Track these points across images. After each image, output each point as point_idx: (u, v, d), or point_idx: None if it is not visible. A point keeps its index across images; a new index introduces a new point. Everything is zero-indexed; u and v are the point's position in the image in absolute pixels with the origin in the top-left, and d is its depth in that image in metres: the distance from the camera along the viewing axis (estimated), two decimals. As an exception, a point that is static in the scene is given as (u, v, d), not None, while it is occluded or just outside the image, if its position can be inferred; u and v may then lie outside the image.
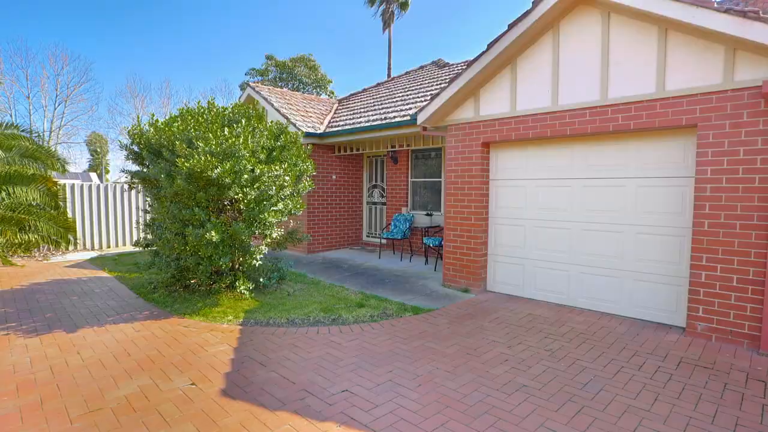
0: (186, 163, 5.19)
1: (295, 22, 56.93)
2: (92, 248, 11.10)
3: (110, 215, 11.40)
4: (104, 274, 7.82)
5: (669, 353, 4.13)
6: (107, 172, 43.92)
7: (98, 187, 11.23)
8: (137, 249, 11.10)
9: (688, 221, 4.69)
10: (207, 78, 54.51)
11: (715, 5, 4.00)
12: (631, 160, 5.14)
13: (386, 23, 30.26)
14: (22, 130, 9.70)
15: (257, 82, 33.23)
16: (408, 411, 3.08)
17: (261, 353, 4.13)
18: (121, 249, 11.23)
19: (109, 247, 11.34)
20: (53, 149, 10.86)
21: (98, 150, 43.48)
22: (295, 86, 33.39)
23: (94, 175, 38.61)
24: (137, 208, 11.86)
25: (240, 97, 11.41)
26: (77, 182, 11.38)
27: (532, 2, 5.33)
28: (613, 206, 5.30)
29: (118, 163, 49.78)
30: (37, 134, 10.49)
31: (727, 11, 3.93)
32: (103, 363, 3.87)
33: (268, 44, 56.68)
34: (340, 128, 9.52)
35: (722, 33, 4.02)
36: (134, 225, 11.82)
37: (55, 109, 33.27)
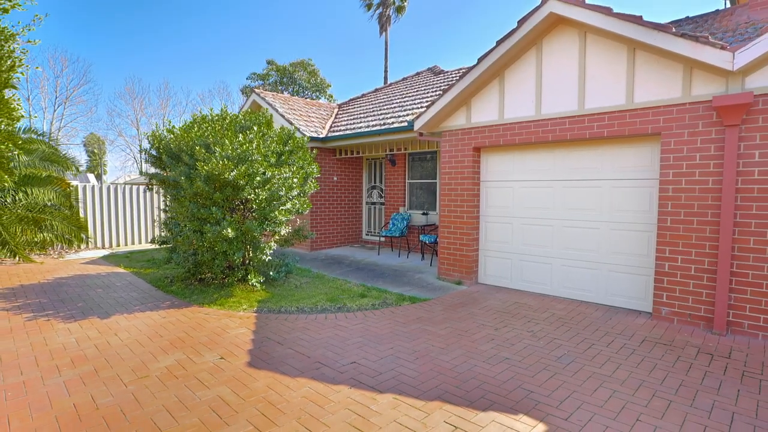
0: (205, 167, 5.74)
1: (294, 23, 57.50)
2: (103, 246, 11.59)
3: (120, 215, 11.90)
4: (120, 270, 8.33)
5: (635, 333, 4.72)
6: (105, 173, 44.22)
7: (108, 187, 11.73)
8: (148, 246, 11.65)
9: (654, 218, 5.29)
10: (205, 80, 54.99)
11: (673, 30, 4.60)
12: (606, 163, 5.74)
13: (383, 27, 30.86)
14: (39, 135, 10.22)
15: (258, 87, 33.74)
16: (407, 377, 3.64)
17: (277, 335, 4.68)
18: (131, 247, 11.73)
19: (119, 245, 11.83)
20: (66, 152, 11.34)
21: (95, 151, 43.79)
22: (295, 90, 33.95)
23: (91, 176, 38.91)
24: (146, 207, 12.37)
25: (245, 103, 11.96)
26: (88, 183, 11.87)
27: (518, 21, 5.92)
28: (591, 205, 5.89)
29: (117, 164, 50.04)
30: (52, 138, 10.98)
31: (682, 35, 4.54)
32: (140, 342, 4.42)
33: (267, 45, 57.20)
34: (341, 133, 10.08)
35: (679, 54, 4.62)
36: (145, 224, 12.33)
37: (55, 110, 33.65)
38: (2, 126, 3.40)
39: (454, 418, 2.99)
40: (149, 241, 8.80)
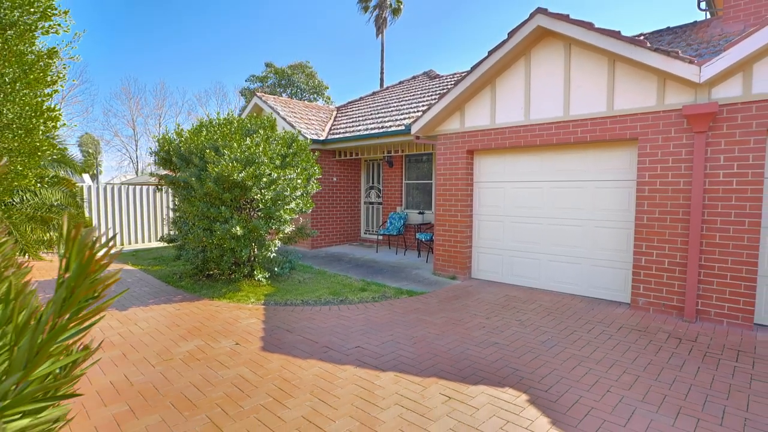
0: (215, 168, 6.11)
1: (293, 24, 57.56)
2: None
3: (123, 214, 12.22)
4: (129, 267, 8.67)
5: (613, 322, 5.16)
6: (101, 173, 44.28)
7: (112, 188, 12.05)
8: (152, 245, 11.98)
9: (633, 216, 5.74)
10: (202, 80, 54.99)
11: (648, 45, 5.05)
12: (589, 165, 6.18)
13: (379, 29, 31.26)
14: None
15: (257, 89, 33.98)
16: (406, 358, 4.06)
17: (286, 324, 5.08)
18: (135, 246, 12.06)
19: (122, 244, 12.16)
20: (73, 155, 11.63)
21: (90, 151, 43.82)
22: (293, 92, 34.28)
23: (86, 176, 38.98)
24: (148, 207, 12.70)
25: (246, 105, 12.32)
26: (88, 183, 12.18)
27: (508, 33, 6.35)
28: (576, 204, 6.33)
29: (113, 164, 50.07)
30: (59, 141, 11.26)
31: (656, 50, 4.98)
32: (160, 331, 4.80)
33: (265, 46, 57.29)
34: (341, 135, 10.48)
35: (654, 66, 5.07)
36: (148, 223, 12.65)
37: (52, 111, 33.64)
38: (44, 135, 3.76)
39: (448, 390, 3.41)
40: (158, 239, 9.13)
